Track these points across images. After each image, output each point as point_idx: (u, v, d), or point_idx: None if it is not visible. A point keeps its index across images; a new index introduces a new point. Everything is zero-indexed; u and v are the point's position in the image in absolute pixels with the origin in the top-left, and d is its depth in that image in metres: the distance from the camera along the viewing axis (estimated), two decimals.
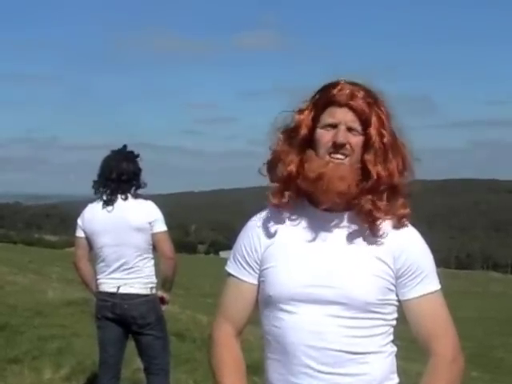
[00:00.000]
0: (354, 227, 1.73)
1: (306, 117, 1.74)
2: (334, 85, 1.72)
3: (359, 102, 1.69)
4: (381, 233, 1.72)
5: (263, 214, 1.82)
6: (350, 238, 1.73)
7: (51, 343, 6.64)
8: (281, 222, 1.78)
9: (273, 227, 1.78)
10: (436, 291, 1.76)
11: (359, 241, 1.72)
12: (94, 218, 4.08)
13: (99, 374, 4.23)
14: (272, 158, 1.78)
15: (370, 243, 1.72)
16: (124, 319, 4.05)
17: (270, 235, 1.78)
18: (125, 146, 4.21)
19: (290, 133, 1.76)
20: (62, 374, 5.50)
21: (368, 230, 1.72)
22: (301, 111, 1.75)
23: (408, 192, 1.76)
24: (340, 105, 1.70)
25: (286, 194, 1.74)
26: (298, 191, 1.74)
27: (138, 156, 4.20)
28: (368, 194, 1.70)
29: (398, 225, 1.74)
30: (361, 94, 1.70)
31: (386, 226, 1.73)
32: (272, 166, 1.78)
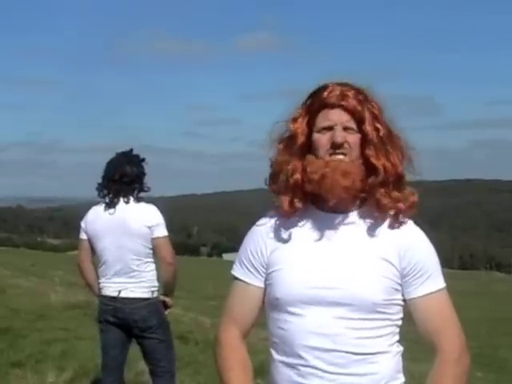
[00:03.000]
0: (359, 228, 1.75)
1: (301, 124, 1.76)
2: (323, 88, 1.75)
3: (351, 101, 1.71)
4: (398, 225, 1.74)
5: (268, 217, 1.84)
6: (355, 239, 1.74)
7: (54, 346, 6.65)
8: (286, 225, 1.79)
9: (278, 230, 1.80)
10: (441, 289, 1.77)
11: (364, 241, 1.74)
12: (97, 220, 4.08)
13: (102, 377, 4.23)
14: (274, 169, 1.80)
15: (376, 243, 1.73)
16: (125, 323, 4.04)
17: (275, 238, 1.80)
18: (131, 150, 4.21)
19: (288, 142, 1.78)
20: (64, 378, 5.51)
21: (388, 222, 1.74)
22: (294, 119, 1.78)
23: (410, 181, 1.79)
24: (333, 106, 1.72)
25: (296, 201, 1.76)
26: (305, 196, 1.76)
27: (143, 160, 4.19)
28: (381, 188, 1.72)
29: (409, 212, 1.76)
30: (351, 92, 1.73)
31: (393, 222, 1.75)
32: (275, 177, 1.80)
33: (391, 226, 1.75)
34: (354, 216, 1.76)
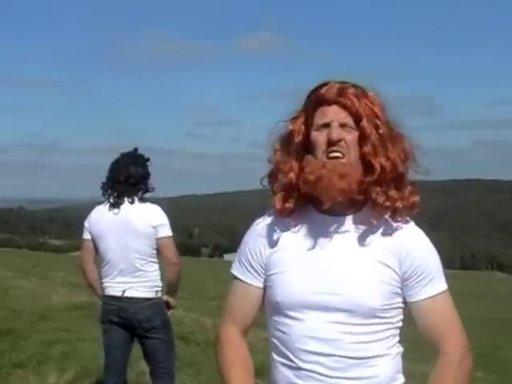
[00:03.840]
0: (358, 232, 1.72)
1: (299, 123, 1.74)
2: (321, 85, 1.73)
3: (349, 97, 1.68)
4: (394, 227, 1.71)
5: (268, 218, 1.82)
6: (354, 243, 1.72)
7: (56, 347, 6.65)
8: (285, 226, 1.77)
9: (277, 232, 1.78)
10: (444, 291, 1.75)
11: (363, 246, 1.71)
12: (101, 220, 4.07)
13: (104, 378, 4.22)
14: (272, 169, 1.78)
15: (374, 248, 1.71)
16: (129, 323, 4.04)
17: (274, 240, 1.78)
18: (135, 149, 4.21)
19: (286, 141, 1.76)
20: (66, 378, 5.51)
21: (382, 225, 1.71)
22: (293, 119, 1.76)
23: (414, 182, 1.75)
24: (329, 103, 1.69)
25: (290, 201, 1.73)
26: (301, 198, 1.73)
27: (148, 160, 4.20)
28: (376, 187, 1.68)
29: (409, 212, 1.73)
30: (350, 90, 1.70)
31: (392, 224, 1.72)
32: (273, 176, 1.77)
33: (390, 228, 1.72)
34: (352, 219, 1.73)
